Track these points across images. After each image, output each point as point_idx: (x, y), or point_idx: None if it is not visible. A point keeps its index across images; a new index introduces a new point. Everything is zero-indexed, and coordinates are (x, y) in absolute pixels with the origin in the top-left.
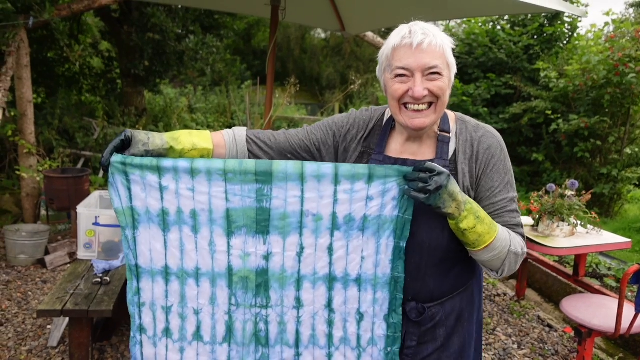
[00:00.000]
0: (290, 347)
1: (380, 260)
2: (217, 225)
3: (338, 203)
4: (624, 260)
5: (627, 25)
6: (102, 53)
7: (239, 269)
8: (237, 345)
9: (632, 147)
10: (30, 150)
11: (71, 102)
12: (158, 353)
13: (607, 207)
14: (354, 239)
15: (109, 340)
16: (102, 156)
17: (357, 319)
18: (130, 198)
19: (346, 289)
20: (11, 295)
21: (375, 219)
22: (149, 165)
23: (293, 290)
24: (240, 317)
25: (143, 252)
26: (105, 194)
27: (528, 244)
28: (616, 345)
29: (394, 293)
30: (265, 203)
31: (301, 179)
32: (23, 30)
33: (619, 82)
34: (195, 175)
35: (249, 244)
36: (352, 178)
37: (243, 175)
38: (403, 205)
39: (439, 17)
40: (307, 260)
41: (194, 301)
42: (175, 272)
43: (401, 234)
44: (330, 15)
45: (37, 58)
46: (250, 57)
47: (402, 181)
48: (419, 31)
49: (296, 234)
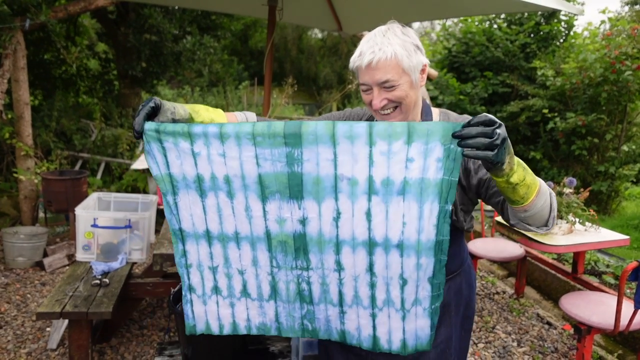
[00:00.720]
0: (334, 305)
1: (423, 225)
2: (251, 190)
3: (374, 166)
4: (622, 257)
5: (623, 23)
6: (99, 54)
7: (276, 233)
8: (283, 303)
9: (629, 145)
10: (27, 153)
11: (68, 104)
12: (208, 310)
13: (605, 205)
14: (394, 204)
15: (109, 342)
16: (133, 122)
17: (400, 284)
18: (167, 165)
19: (387, 254)
20: (10, 297)
21: (417, 182)
22: (181, 131)
23: (332, 254)
24: (283, 277)
25: (185, 217)
26: (103, 196)
27: (526, 241)
28: (615, 342)
29: (438, 256)
30: (296, 167)
31: (332, 140)
32: (19, 32)
33: (615, 79)
34: (224, 140)
35: (284, 209)
36: (388, 138)
37: (272, 138)
38: (448, 167)
39: (436, 16)
40: (345, 226)
41: (237, 262)
42: (216, 236)
43: (447, 197)
44: (328, 15)
45: (34, 60)
46: (248, 57)
47: (447, 140)
48: (367, 50)
49: (331, 199)
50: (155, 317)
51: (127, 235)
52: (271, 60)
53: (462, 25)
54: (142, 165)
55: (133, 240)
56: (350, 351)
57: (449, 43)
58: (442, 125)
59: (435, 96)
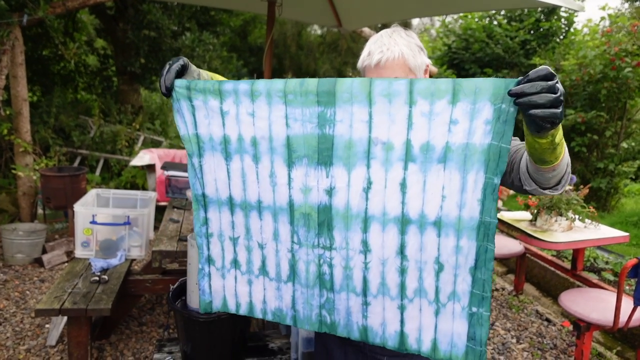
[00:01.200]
0: (357, 294)
1: (466, 200)
2: (278, 154)
3: (413, 128)
4: (621, 254)
5: (622, 20)
6: (98, 51)
7: (300, 204)
8: (302, 287)
9: (629, 141)
10: (26, 149)
11: (67, 100)
12: (226, 285)
13: (604, 201)
14: (433, 173)
15: (108, 339)
16: (162, 79)
17: (436, 270)
18: (195, 124)
19: (422, 234)
20: (9, 294)
21: (461, 148)
22: (212, 88)
23: (359, 232)
24: (303, 256)
25: (209, 181)
26: (102, 192)
27: (526, 238)
28: (614, 338)
29: (484, 242)
30: (327, 129)
31: (369, 99)
32: (17, 28)
33: (615, 76)
34: (255, 98)
35: (310, 177)
36: (431, 96)
37: (304, 96)
38: (498, 130)
39: (435, 12)
40: (376, 198)
41: (258, 235)
42: (239, 204)
43: (495, 167)
44: (327, 11)
45: (32, 56)
46: (247, 53)
47: (498, 99)
48: (376, 50)
49: (363, 166)
50: (155, 314)
51: (126, 231)
52: (271, 56)
53: (462, 22)
54: (141, 161)
55: (132, 237)
56: (349, 344)
57: (448, 39)
58: (492, 81)
59: None
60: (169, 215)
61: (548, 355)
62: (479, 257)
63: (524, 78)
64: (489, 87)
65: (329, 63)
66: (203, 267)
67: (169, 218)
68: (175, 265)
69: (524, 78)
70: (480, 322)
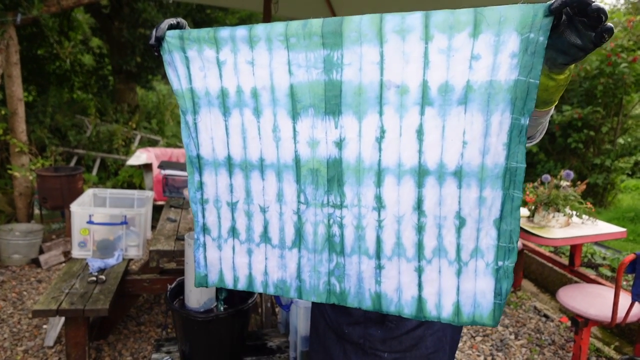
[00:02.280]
0: (370, 257)
1: (490, 145)
2: (281, 106)
3: (430, 67)
4: (618, 250)
5: (618, 16)
6: (93, 49)
7: (307, 159)
8: (308, 252)
9: (625, 137)
10: (22, 149)
11: (62, 100)
12: (223, 256)
13: (601, 197)
14: (453, 117)
15: (106, 339)
16: (154, 30)
17: (457, 225)
18: (189, 78)
19: (442, 185)
20: (6, 295)
21: (484, 86)
22: (207, 37)
23: (372, 186)
24: (311, 218)
25: (205, 141)
26: (99, 192)
27: (523, 234)
28: (612, 334)
29: (510, 190)
30: (335, 74)
31: (379, 37)
32: (11, 27)
33: (611, 72)
34: (254, 44)
35: (317, 129)
36: (449, 30)
37: (307, 39)
38: (526, 64)
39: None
40: (390, 148)
41: (260, 197)
42: (238, 164)
43: (523, 106)
44: (323, 7)
45: (27, 55)
46: None
47: (526, 27)
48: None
49: (375, 113)
50: (153, 314)
51: (124, 231)
52: None
53: None
54: (138, 161)
55: (129, 237)
56: (347, 341)
57: None
58: (520, 8)
59: None
60: (166, 215)
61: (546, 351)
62: (504, 207)
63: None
64: (515, 15)
65: None
66: (198, 237)
67: (166, 217)
68: (172, 265)
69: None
70: (507, 275)
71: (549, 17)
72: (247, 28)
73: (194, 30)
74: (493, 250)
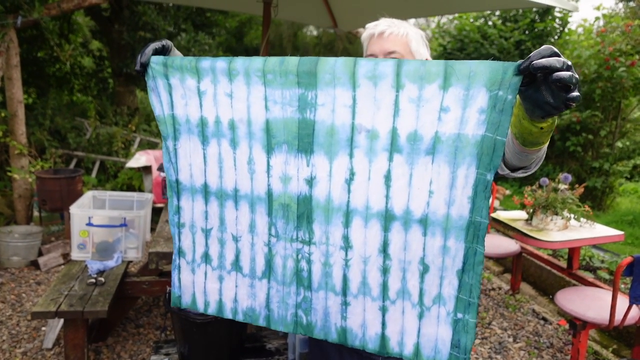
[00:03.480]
0: (336, 293)
1: (455, 197)
2: (256, 139)
3: (400, 115)
4: (616, 253)
5: (617, 20)
6: (93, 52)
7: (279, 193)
8: (277, 284)
9: (623, 141)
10: (21, 151)
11: (62, 102)
12: (196, 280)
13: (599, 201)
14: (420, 166)
15: (105, 341)
16: (139, 56)
17: (421, 271)
18: (171, 105)
19: (407, 231)
20: (5, 297)
21: (452, 139)
22: (189, 66)
23: (340, 226)
24: (281, 251)
25: (183, 167)
26: (98, 194)
27: (522, 238)
28: (610, 336)
29: (473, 244)
30: (308, 113)
31: (352, 81)
32: (12, 29)
33: (609, 76)
34: (233, 77)
35: (290, 165)
36: (420, 80)
37: (283, 76)
38: (493, 121)
39: (430, 13)
40: (358, 191)
41: (233, 226)
42: (214, 192)
43: (489, 162)
44: (323, 11)
45: (27, 58)
46: (243, 55)
47: (495, 85)
48: (383, 23)
49: (345, 156)
50: (152, 316)
51: (123, 233)
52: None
53: (457, 22)
54: (137, 163)
55: (128, 239)
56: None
57: (443, 40)
58: (489, 65)
59: None
60: (165, 217)
61: (545, 354)
62: (467, 259)
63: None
64: (485, 71)
65: None
66: (175, 259)
67: (165, 219)
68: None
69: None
70: (466, 330)
71: (518, 76)
72: (227, 61)
73: (177, 58)
74: (454, 300)
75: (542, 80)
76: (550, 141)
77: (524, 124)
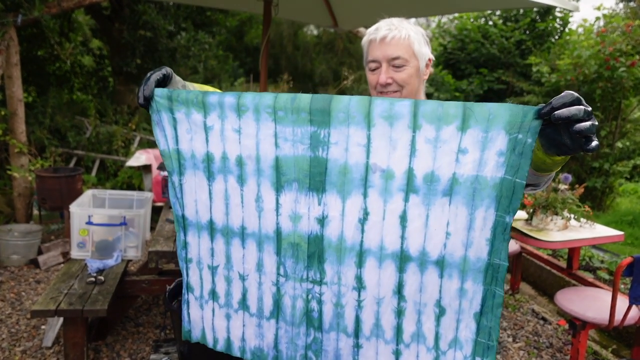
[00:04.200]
0: (348, 335)
1: (473, 238)
2: (265, 176)
3: (416, 156)
4: (616, 253)
5: (617, 20)
6: (93, 51)
7: (288, 232)
8: (286, 324)
9: (623, 141)
10: (21, 150)
11: (62, 101)
12: (205, 316)
13: (599, 201)
14: (437, 208)
15: (104, 340)
16: (141, 88)
17: (437, 314)
18: (176, 139)
19: (423, 273)
20: (4, 295)
21: (470, 181)
22: (195, 100)
23: (353, 266)
24: (290, 291)
25: (189, 203)
26: (98, 193)
27: (522, 237)
28: (609, 337)
29: (491, 286)
30: (321, 152)
31: (367, 120)
32: (12, 28)
33: (609, 76)
34: (242, 113)
35: (300, 203)
36: (437, 121)
37: (295, 114)
38: (513, 164)
39: (431, 12)
40: (372, 231)
41: (240, 265)
42: (220, 229)
43: (508, 205)
44: (323, 10)
45: (27, 56)
46: (243, 54)
47: (514, 128)
48: (384, 27)
49: (359, 195)
50: (151, 315)
51: (122, 232)
52: (267, 57)
53: (457, 22)
54: (137, 162)
55: (128, 238)
56: None
57: (444, 40)
58: (508, 108)
59: (430, 93)
60: (165, 216)
61: (544, 354)
62: (485, 302)
63: (552, 104)
64: (504, 113)
65: (325, 63)
66: (184, 293)
67: (165, 218)
68: (171, 266)
69: (552, 104)
70: None
71: (538, 120)
72: (236, 96)
73: (182, 92)
74: (472, 344)
75: (562, 125)
76: None
77: (538, 154)
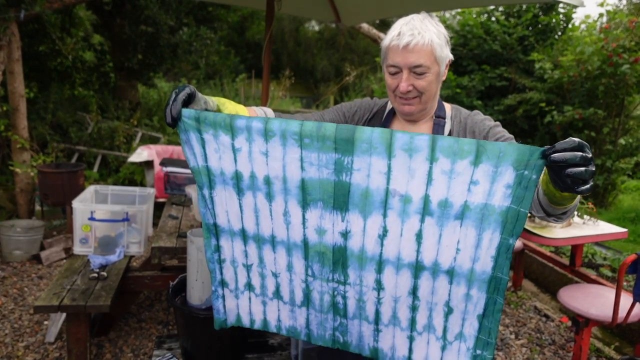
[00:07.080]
0: (369, 322)
1: (480, 255)
2: (292, 195)
3: (432, 185)
4: (619, 250)
5: (621, 16)
6: (95, 46)
7: (314, 243)
8: (315, 312)
9: (626, 138)
10: (23, 145)
11: (64, 96)
12: (241, 304)
13: (602, 198)
14: (449, 228)
15: (107, 336)
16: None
17: (445, 312)
18: (205, 157)
19: (435, 280)
20: (7, 291)
21: (479, 208)
22: (222, 123)
23: (373, 272)
24: (318, 287)
25: (220, 213)
26: (100, 188)
27: (524, 234)
28: (612, 334)
29: (494, 295)
30: (344, 176)
31: (388, 151)
32: (14, 23)
33: (613, 72)
34: (269, 138)
35: (325, 220)
36: (453, 155)
37: (320, 141)
38: (518, 195)
39: (433, 8)
40: (391, 245)
41: (272, 265)
42: (252, 236)
43: (512, 229)
44: (326, 5)
45: (29, 52)
46: (244, 50)
47: (521, 165)
48: (407, 32)
49: (379, 215)
50: (154, 311)
51: (125, 228)
52: (269, 52)
53: (459, 18)
54: (139, 158)
55: (131, 233)
56: None
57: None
58: (517, 147)
59: None
60: (167, 212)
61: (546, 351)
62: (487, 307)
63: (555, 147)
64: (513, 152)
65: (327, 59)
66: (216, 290)
67: (168, 214)
68: (174, 262)
69: (555, 147)
70: None
71: (542, 159)
72: (263, 121)
73: (210, 115)
74: (474, 339)
75: (559, 166)
76: (553, 138)
77: (550, 187)
